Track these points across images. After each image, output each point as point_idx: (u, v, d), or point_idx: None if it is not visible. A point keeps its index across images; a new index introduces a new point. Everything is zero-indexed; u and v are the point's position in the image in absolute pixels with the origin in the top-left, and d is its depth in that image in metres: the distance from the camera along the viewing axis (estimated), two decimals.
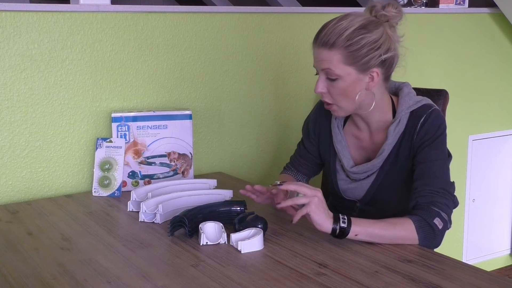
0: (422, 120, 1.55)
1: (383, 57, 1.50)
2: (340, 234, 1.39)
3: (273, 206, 1.62)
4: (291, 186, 1.42)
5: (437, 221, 1.43)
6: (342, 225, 1.38)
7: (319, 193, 1.39)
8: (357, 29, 1.48)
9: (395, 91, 1.65)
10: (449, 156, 1.57)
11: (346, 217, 1.40)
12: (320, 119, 1.75)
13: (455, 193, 1.53)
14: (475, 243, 3.08)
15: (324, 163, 1.81)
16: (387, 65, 1.53)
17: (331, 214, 1.40)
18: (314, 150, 1.80)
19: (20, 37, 1.80)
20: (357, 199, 1.69)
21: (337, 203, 1.78)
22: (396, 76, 1.61)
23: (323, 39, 1.50)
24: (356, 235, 1.40)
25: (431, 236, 1.43)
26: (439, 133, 1.54)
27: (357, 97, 1.53)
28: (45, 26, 1.84)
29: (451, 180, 1.53)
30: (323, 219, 1.38)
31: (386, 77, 1.56)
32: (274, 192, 1.61)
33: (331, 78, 1.52)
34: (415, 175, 1.54)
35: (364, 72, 1.51)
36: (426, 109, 1.56)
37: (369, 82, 1.52)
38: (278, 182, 1.68)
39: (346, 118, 1.71)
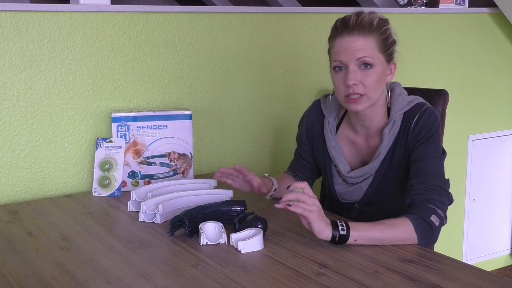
0: (415, 119, 1.55)
1: (396, 52, 1.55)
2: (339, 241, 1.39)
3: (250, 191, 1.67)
4: (290, 196, 1.39)
5: (434, 218, 1.43)
6: (342, 232, 1.38)
7: (317, 202, 1.39)
8: (383, 19, 1.52)
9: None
10: (443, 153, 1.57)
11: (344, 223, 1.39)
12: (312, 125, 1.75)
13: (449, 190, 1.53)
14: (475, 243, 3.08)
15: (317, 169, 1.82)
16: (394, 59, 1.57)
17: (329, 221, 1.40)
18: (308, 157, 1.80)
19: (20, 37, 1.80)
20: (355, 201, 1.69)
21: (336, 205, 1.78)
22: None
23: (359, 27, 1.48)
24: (355, 240, 1.40)
25: (429, 233, 1.44)
26: (433, 130, 1.54)
27: (384, 88, 1.55)
28: (45, 26, 1.84)
29: (446, 177, 1.53)
30: (323, 227, 1.37)
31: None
32: (241, 172, 1.66)
33: (366, 66, 1.49)
34: (410, 173, 1.54)
35: (389, 62, 1.54)
36: (419, 108, 1.57)
37: (389, 75, 1.54)
38: (266, 175, 1.73)
39: (339, 123, 1.70)
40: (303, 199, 1.37)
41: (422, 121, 1.54)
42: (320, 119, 1.70)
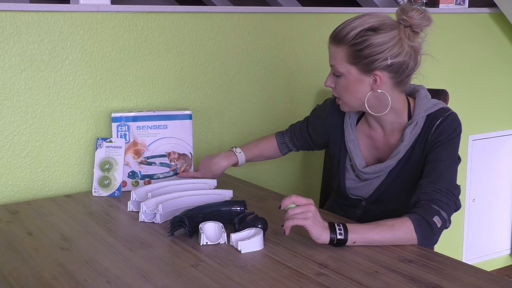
0: (438, 122, 1.55)
1: (390, 61, 1.49)
2: (338, 244, 1.39)
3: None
4: (286, 201, 1.40)
5: (436, 219, 1.43)
6: (339, 237, 1.38)
7: (312, 207, 1.38)
8: (365, 30, 1.49)
9: (410, 93, 1.65)
10: (458, 159, 1.57)
11: (342, 226, 1.39)
12: (333, 115, 1.76)
13: (459, 197, 1.52)
14: (475, 243, 3.08)
15: (314, 148, 1.90)
16: (396, 70, 1.52)
17: (326, 224, 1.39)
18: (313, 132, 1.85)
19: (20, 37, 1.80)
20: (363, 197, 1.69)
21: (341, 201, 1.77)
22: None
23: (333, 36, 1.55)
24: (354, 242, 1.39)
25: (430, 234, 1.43)
26: (454, 135, 1.54)
27: (361, 96, 1.55)
28: (45, 26, 1.84)
29: (458, 184, 1.53)
30: (320, 232, 1.37)
31: (398, 82, 1.55)
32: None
33: (336, 74, 1.56)
34: (423, 173, 1.54)
35: (367, 73, 1.51)
36: (444, 112, 1.57)
37: (373, 84, 1.53)
38: (235, 149, 1.91)
39: (360, 117, 1.71)
40: (296, 212, 1.38)
41: (444, 124, 1.55)
42: (342, 111, 1.70)
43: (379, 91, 1.53)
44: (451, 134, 1.54)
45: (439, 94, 1.88)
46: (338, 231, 1.38)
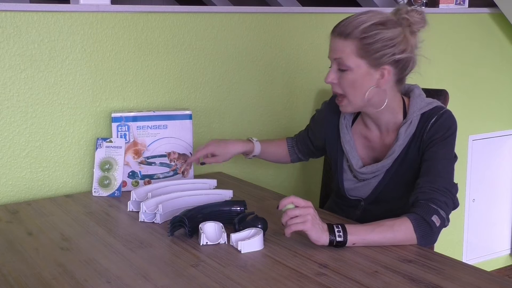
0: (433, 120, 1.55)
1: (397, 57, 1.50)
2: (337, 245, 1.39)
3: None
4: (285, 202, 1.40)
5: (435, 219, 1.43)
6: (339, 239, 1.38)
7: (310, 210, 1.38)
8: (374, 24, 1.49)
9: (405, 93, 1.65)
10: (455, 157, 1.57)
11: (341, 228, 1.39)
12: (328, 116, 1.76)
13: (457, 195, 1.53)
14: (475, 243, 3.08)
15: (317, 152, 1.90)
16: (401, 66, 1.53)
17: (325, 226, 1.39)
18: (314, 138, 1.85)
19: (20, 37, 1.80)
20: (362, 198, 1.69)
21: (341, 202, 1.77)
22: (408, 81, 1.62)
23: (340, 29, 1.52)
24: (353, 244, 1.39)
25: (429, 233, 1.43)
26: (449, 133, 1.54)
27: (366, 93, 1.53)
28: (45, 26, 1.84)
29: (455, 182, 1.53)
30: (319, 235, 1.37)
31: (399, 79, 1.56)
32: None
33: (342, 69, 1.53)
34: (420, 172, 1.54)
35: (375, 67, 1.51)
36: (438, 110, 1.57)
37: (379, 79, 1.52)
38: (253, 139, 1.90)
39: (355, 118, 1.70)
40: (294, 214, 1.38)
41: (439, 123, 1.55)
42: (337, 112, 1.70)
43: (383, 88, 1.53)
44: (446, 132, 1.54)
45: (439, 94, 1.89)
46: (337, 233, 1.38)
